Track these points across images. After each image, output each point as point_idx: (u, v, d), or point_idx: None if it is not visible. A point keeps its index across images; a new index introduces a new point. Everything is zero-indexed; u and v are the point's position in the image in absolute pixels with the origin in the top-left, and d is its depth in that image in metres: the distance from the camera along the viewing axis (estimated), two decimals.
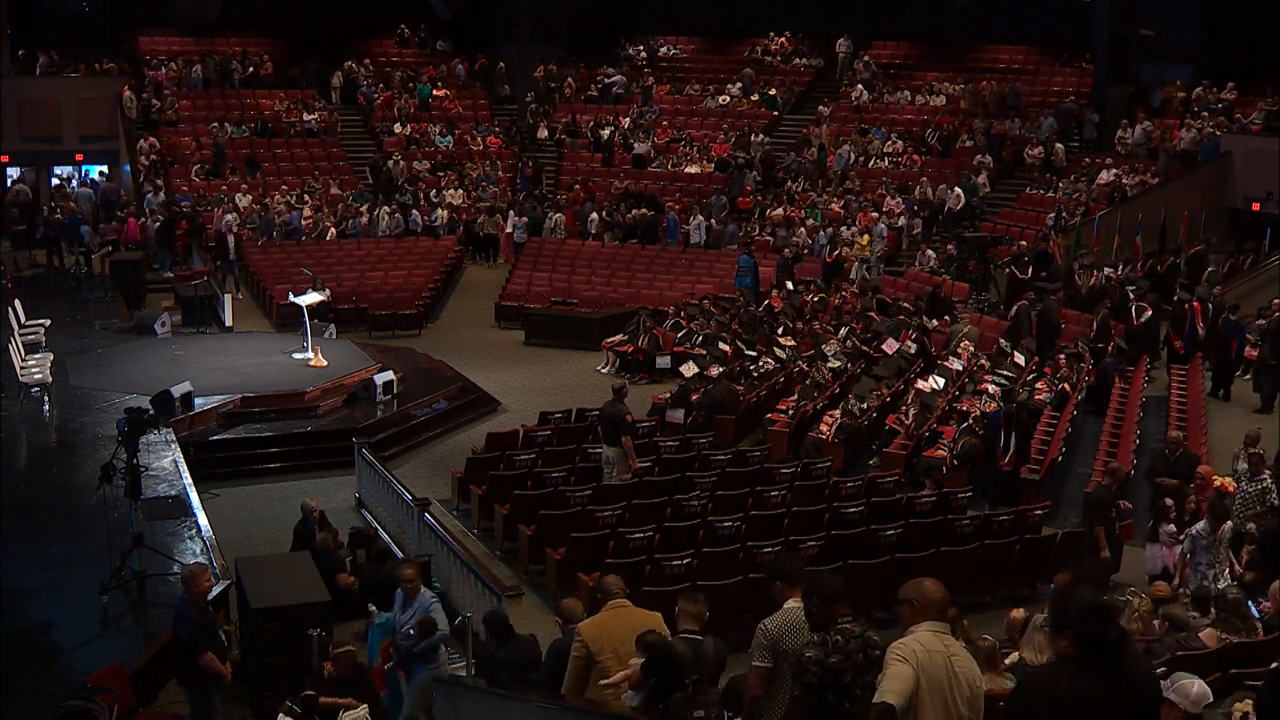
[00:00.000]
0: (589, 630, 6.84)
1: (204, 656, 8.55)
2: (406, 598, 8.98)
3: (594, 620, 6.99)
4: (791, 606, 5.81)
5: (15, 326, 18.92)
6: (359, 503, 14.48)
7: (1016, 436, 14.31)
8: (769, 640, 5.71)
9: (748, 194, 28.97)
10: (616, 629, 6.79)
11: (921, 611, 4.86)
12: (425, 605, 8.86)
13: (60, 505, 13.05)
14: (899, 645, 4.76)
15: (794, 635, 5.65)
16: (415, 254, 27.39)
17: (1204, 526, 10.54)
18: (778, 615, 5.84)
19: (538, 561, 12.33)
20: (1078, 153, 28.68)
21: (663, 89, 34.30)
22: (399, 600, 9.05)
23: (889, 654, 4.77)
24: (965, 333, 20.23)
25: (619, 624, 6.83)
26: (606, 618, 6.93)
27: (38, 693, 8.95)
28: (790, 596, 5.86)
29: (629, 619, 6.86)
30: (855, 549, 11.78)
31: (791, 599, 5.84)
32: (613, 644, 6.71)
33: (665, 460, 14.56)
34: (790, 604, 5.83)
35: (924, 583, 4.95)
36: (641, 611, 7.03)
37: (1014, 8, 33.80)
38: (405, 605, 8.96)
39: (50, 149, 29.86)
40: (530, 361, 21.86)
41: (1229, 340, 18.48)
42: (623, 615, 6.91)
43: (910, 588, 4.96)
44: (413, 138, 31.97)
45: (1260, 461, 12.22)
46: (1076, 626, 4.15)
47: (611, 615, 6.94)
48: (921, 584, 4.95)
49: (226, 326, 22.55)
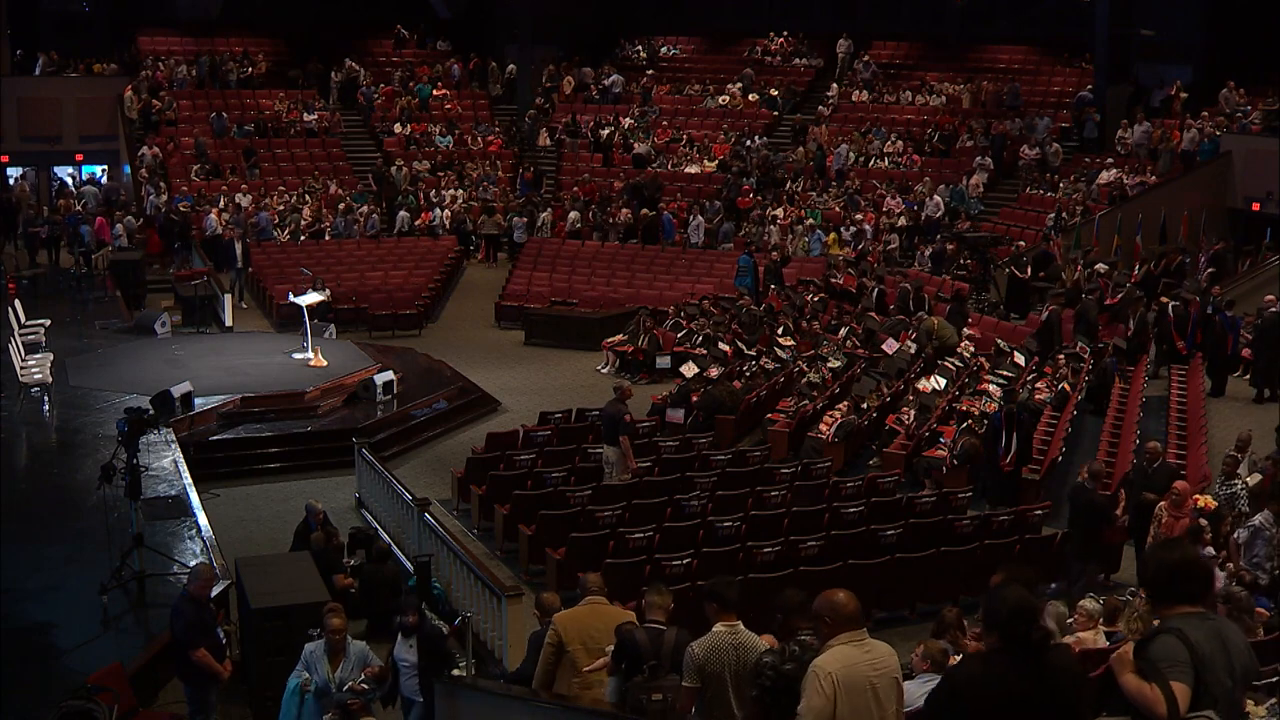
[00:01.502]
0: (563, 620, 7.18)
1: (197, 653, 8.55)
2: (332, 650, 7.98)
3: (569, 613, 7.32)
4: (719, 630, 6.12)
5: (15, 326, 18.92)
6: (359, 503, 14.49)
7: (1017, 436, 14.30)
8: (695, 664, 6.03)
9: (746, 193, 28.96)
10: (589, 623, 7.12)
11: (836, 625, 5.03)
12: (364, 654, 8.14)
13: (60, 505, 13.05)
14: (818, 667, 4.94)
15: (718, 658, 6.01)
16: (415, 254, 27.40)
17: (1267, 517, 10.44)
18: (705, 639, 6.13)
19: (538, 561, 12.33)
20: (1078, 153, 28.68)
21: (663, 89, 34.30)
22: (316, 656, 7.97)
23: (809, 674, 4.95)
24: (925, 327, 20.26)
25: (592, 619, 7.16)
26: (581, 612, 7.25)
27: (38, 693, 8.95)
28: (721, 619, 6.16)
29: (603, 615, 7.16)
30: (855, 549, 11.78)
31: (721, 623, 6.14)
32: (582, 637, 7.04)
33: (665, 460, 14.56)
34: (718, 628, 6.13)
35: (836, 596, 5.09)
36: (616, 609, 7.32)
37: (1014, 8, 33.82)
38: (333, 660, 7.96)
39: (50, 149, 29.85)
40: (530, 361, 21.87)
41: (1225, 337, 18.53)
42: (597, 611, 7.22)
43: (823, 603, 5.11)
44: (413, 138, 31.98)
45: (1234, 465, 12.06)
46: (1004, 625, 4.40)
47: (587, 610, 7.25)
48: (834, 598, 5.09)
49: (226, 326, 22.55)
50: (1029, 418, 15.13)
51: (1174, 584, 4.47)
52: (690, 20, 37.65)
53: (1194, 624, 4.39)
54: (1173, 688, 4.20)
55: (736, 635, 6.13)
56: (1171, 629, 4.36)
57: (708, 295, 23.95)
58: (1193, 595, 4.49)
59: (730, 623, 6.13)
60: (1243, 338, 19.07)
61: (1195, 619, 4.43)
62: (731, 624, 6.14)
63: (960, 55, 33.92)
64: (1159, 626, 4.45)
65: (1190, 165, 26.18)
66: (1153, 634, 4.45)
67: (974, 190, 27.89)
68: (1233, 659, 4.39)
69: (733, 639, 6.10)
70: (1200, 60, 29.50)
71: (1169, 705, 4.18)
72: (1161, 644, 4.32)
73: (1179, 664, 4.26)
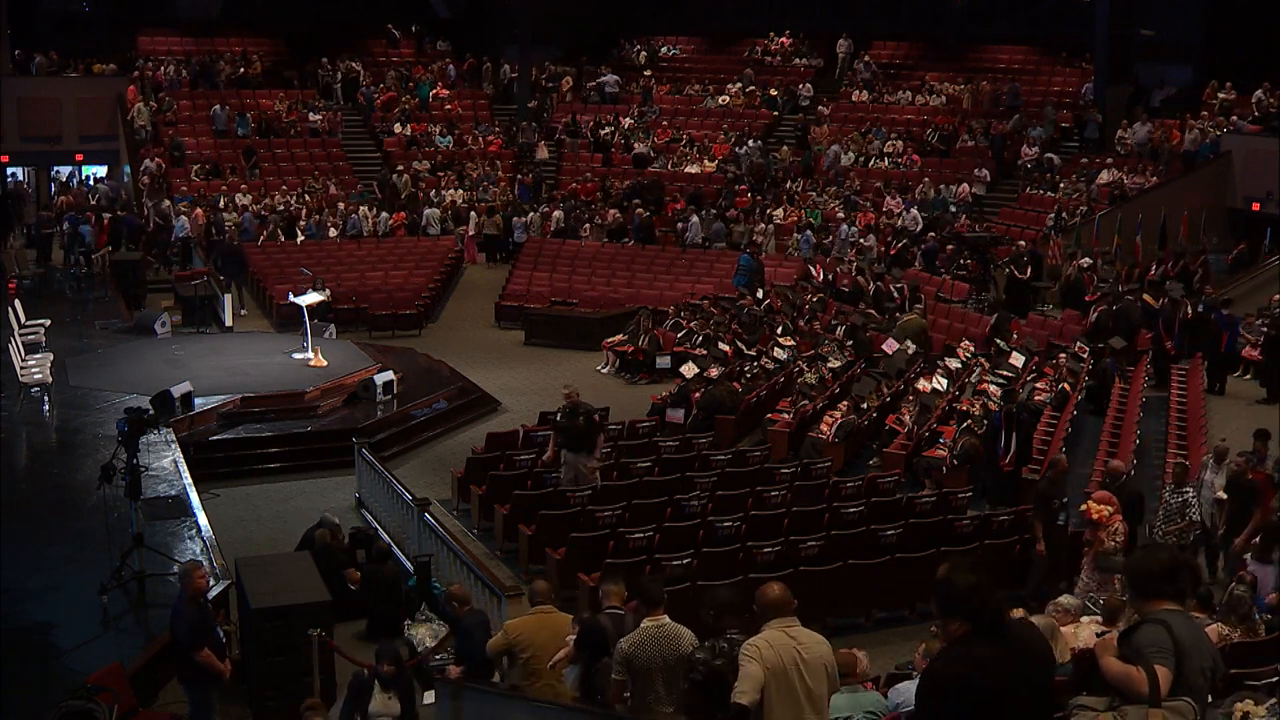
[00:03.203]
0: (515, 627, 7.69)
1: (201, 653, 8.54)
2: None
3: (522, 620, 7.76)
4: (646, 625, 6.61)
5: (15, 326, 18.91)
6: (359, 503, 14.49)
7: (1017, 436, 14.30)
8: (623, 657, 6.54)
9: (743, 193, 28.95)
10: (539, 632, 7.58)
11: (765, 612, 5.54)
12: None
13: (60, 505, 13.04)
14: (748, 646, 5.47)
15: (645, 651, 6.50)
16: (415, 254, 27.40)
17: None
18: (633, 635, 6.62)
19: (538, 561, 12.32)
20: (1078, 153, 28.69)
21: (663, 89, 34.30)
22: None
23: (741, 654, 5.46)
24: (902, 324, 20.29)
25: (542, 627, 7.61)
26: (530, 621, 7.69)
27: (38, 693, 8.94)
28: (647, 615, 6.65)
29: (553, 624, 7.63)
30: (855, 549, 11.78)
31: (648, 619, 6.62)
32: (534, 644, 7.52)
33: (665, 460, 14.55)
34: (646, 623, 6.62)
35: (767, 587, 5.62)
36: (565, 617, 7.78)
37: (1014, 8, 33.83)
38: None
39: (50, 149, 29.84)
40: (530, 361, 21.87)
41: (1220, 335, 18.54)
42: (547, 620, 7.66)
43: (757, 595, 5.64)
44: (413, 138, 31.97)
45: (1184, 473, 11.86)
46: (962, 607, 4.48)
47: (535, 620, 7.67)
48: (764, 589, 5.62)
49: (226, 326, 22.54)
50: (1029, 418, 15.13)
51: (1161, 581, 4.65)
52: (690, 20, 37.65)
53: (1177, 620, 4.60)
54: (1155, 670, 4.39)
55: (662, 629, 6.59)
56: (1158, 619, 4.54)
57: (708, 295, 23.96)
58: (1178, 594, 4.70)
59: (656, 618, 6.62)
60: (1243, 338, 19.07)
61: (1178, 615, 4.64)
62: (658, 619, 6.62)
63: (960, 55, 33.93)
64: (1144, 618, 4.62)
65: (1190, 165, 26.19)
66: (1138, 624, 4.63)
67: (960, 196, 27.71)
68: (1205, 658, 4.62)
69: (659, 632, 6.56)
70: (1200, 60, 29.51)
71: (1151, 684, 4.37)
72: (1146, 632, 4.52)
73: (1164, 650, 4.45)
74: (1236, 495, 11.66)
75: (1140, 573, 4.78)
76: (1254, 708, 6.57)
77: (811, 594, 11.24)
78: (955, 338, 21.07)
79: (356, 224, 27.85)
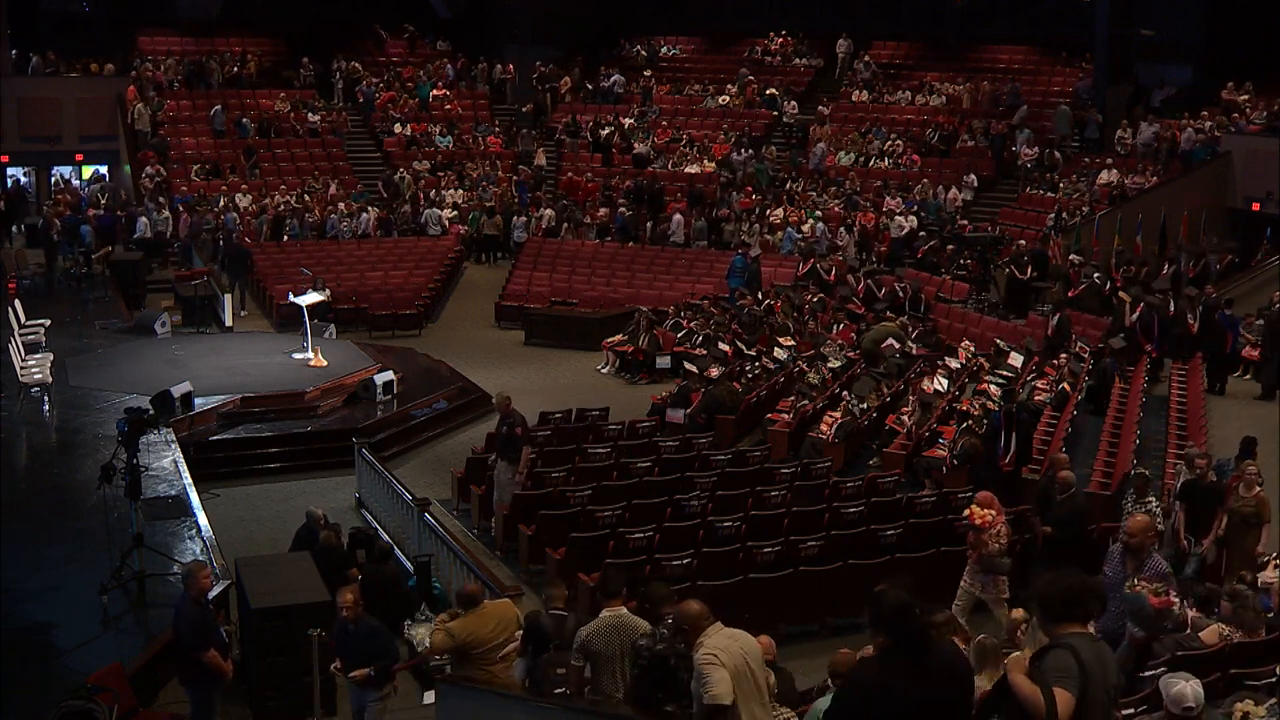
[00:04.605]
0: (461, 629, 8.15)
1: (206, 654, 8.55)
2: None
3: (462, 622, 8.21)
4: (604, 615, 7.04)
5: (15, 326, 18.92)
6: (359, 503, 14.49)
7: (1016, 436, 14.30)
8: (581, 645, 6.96)
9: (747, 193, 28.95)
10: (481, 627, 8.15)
11: (696, 627, 5.93)
12: None
13: (60, 505, 13.04)
14: (706, 652, 5.78)
15: (602, 639, 6.92)
16: (415, 254, 27.39)
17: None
18: (591, 624, 7.07)
19: (538, 561, 12.32)
20: (1078, 153, 28.68)
21: (663, 89, 34.30)
22: None
23: (700, 661, 5.78)
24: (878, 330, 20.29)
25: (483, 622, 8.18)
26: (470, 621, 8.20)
27: (38, 693, 8.95)
28: (605, 606, 7.10)
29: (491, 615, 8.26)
30: (855, 549, 11.78)
31: (607, 609, 7.06)
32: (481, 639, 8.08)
33: (665, 460, 14.54)
34: (604, 613, 7.05)
35: (686, 605, 6.07)
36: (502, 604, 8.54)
37: (1014, 8, 33.82)
38: None
39: (50, 149, 29.85)
40: (530, 361, 21.87)
41: (1224, 335, 18.51)
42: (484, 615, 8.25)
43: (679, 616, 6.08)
44: (413, 138, 31.97)
45: (1146, 484, 11.69)
46: (887, 623, 4.84)
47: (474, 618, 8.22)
48: (683, 608, 6.07)
49: (226, 326, 22.55)
50: (1028, 418, 15.12)
51: (1068, 607, 4.97)
52: (690, 20, 37.65)
53: (1083, 643, 4.90)
54: (1056, 694, 4.68)
55: (620, 619, 7.01)
56: (1065, 644, 4.83)
57: (708, 295, 23.96)
58: (1085, 617, 5.07)
59: (614, 608, 7.05)
60: (1243, 337, 19.07)
61: (1084, 639, 4.94)
62: (615, 610, 7.05)
63: (960, 55, 33.93)
64: (1052, 642, 4.90)
65: (1190, 165, 26.19)
66: (1048, 647, 4.90)
67: (952, 204, 27.66)
68: (1109, 677, 4.94)
69: (616, 622, 6.97)
70: (1200, 60, 29.51)
71: (1049, 709, 4.63)
72: (1055, 656, 4.81)
73: (1069, 675, 4.74)
74: (1193, 500, 11.57)
75: (1049, 598, 5.03)
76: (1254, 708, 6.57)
77: (811, 594, 11.28)
78: (955, 338, 21.05)
79: (334, 225, 27.82)
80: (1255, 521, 11.19)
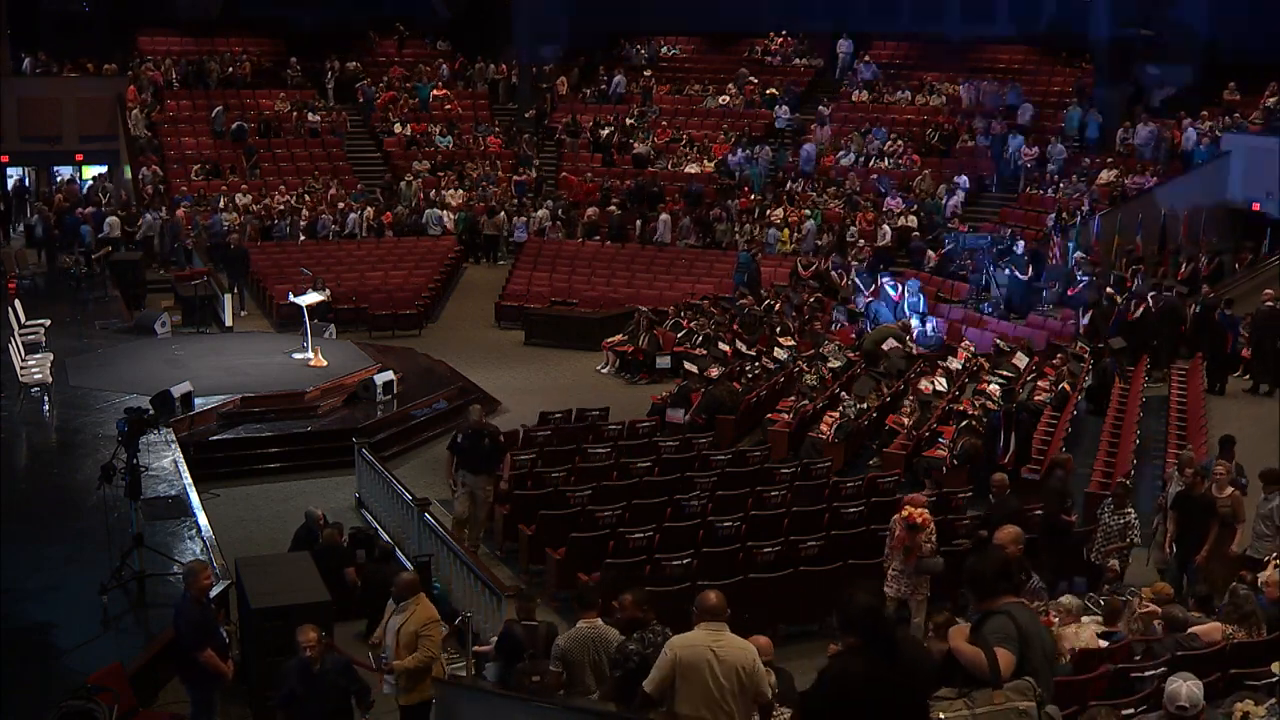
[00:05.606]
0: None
1: (204, 654, 8.54)
2: None
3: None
4: (581, 626, 7.37)
5: (15, 326, 18.91)
6: (359, 503, 14.48)
7: (1016, 436, 14.29)
8: (559, 653, 7.32)
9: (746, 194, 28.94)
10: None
11: (700, 615, 6.11)
12: None
13: (60, 505, 13.03)
14: (667, 645, 6.12)
15: (579, 648, 7.28)
16: (415, 254, 27.40)
17: None
18: (569, 633, 7.45)
19: (538, 561, 12.32)
20: (1078, 153, 28.67)
21: (663, 89, 34.29)
22: None
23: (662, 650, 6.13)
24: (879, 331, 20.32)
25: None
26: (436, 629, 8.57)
27: (38, 693, 8.94)
28: (583, 617, 7.40)
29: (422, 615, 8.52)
30: (855, 549, 11.78)
31: (583, 620, 7.38)
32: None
33: (665, 460, 14.54)
34: (581, 624, 7.38)
35: (707, 594, 6.24)
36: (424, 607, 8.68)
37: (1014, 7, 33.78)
38: None
39: (50, 149, 29.84)
40: (530, 361, 21.87)
41: (1224, 335, 18.50)
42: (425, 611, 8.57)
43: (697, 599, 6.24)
44: (413, 138, 31.96)
45: (1125, 494, 11.63)
46: (857, 623, 5.16)
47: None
48: (703, 595, 6.24)
49: (226, 326, 22.54)
50: (1028, 418, 15.13)
51: (999, 580, 5.33)
52: (690, 20, 37.61)
53: (1019, 610, 5.28)
54: (997, 653, 5.02)
55: (595, 629, 7.34)
56: (1003, 611, 5.20)
57: (708, 295, 23.96)
58: (1014, 588, 5.50)
59: (590, 619, 7.38)
60: (1242, 337, 19.07)
61: (1018, 606, 5.33)
62: (591, 620, 7.37)
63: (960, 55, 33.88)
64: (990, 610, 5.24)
65: (1190, 165, 26.17)
66: (986, 614, 5.23)
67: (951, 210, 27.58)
68: (1046, 641, 5.37)
69: (592, 633, 7.32)
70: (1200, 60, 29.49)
71: (991, 666, 4.97)
72: (994, 621, 5.17)
73: (1008, 637, 5.09)
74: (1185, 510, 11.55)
75: (979, 576, 5.38)
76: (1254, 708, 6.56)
77: (811, 594, 11.27)
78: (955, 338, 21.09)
79: (326, 226, 27.80)
80: (1230, 520, 11.27)
